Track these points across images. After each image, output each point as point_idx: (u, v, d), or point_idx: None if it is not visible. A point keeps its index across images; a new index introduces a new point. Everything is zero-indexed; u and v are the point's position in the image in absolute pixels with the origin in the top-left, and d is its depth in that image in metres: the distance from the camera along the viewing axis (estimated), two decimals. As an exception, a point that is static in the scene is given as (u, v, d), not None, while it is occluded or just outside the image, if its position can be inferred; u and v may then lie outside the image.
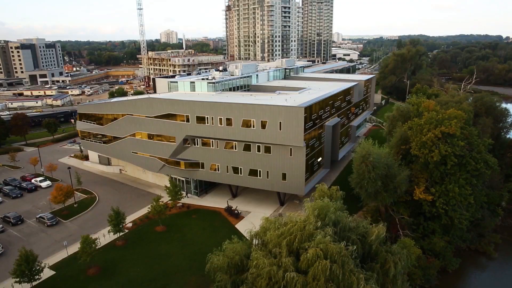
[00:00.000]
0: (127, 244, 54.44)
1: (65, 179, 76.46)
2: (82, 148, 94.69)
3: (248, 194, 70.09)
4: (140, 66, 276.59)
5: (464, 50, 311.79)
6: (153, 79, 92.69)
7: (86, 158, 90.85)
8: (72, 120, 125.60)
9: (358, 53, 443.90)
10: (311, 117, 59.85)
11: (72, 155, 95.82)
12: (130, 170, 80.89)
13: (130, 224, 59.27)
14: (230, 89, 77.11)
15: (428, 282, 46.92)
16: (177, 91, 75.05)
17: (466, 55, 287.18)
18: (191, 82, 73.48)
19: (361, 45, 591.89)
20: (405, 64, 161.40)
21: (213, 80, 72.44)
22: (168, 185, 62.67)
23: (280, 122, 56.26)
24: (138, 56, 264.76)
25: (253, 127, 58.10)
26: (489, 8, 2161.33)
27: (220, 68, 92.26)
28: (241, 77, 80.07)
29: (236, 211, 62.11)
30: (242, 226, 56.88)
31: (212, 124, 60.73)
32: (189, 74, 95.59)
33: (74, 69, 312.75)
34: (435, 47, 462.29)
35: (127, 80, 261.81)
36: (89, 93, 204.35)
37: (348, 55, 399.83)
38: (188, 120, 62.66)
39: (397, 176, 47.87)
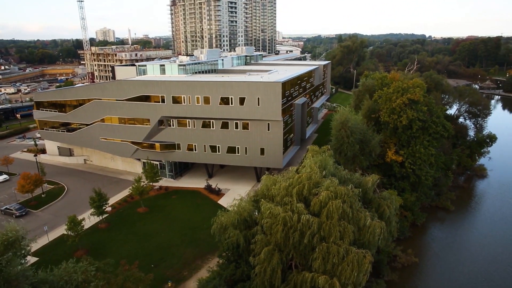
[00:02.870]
0: (111, 226, 53.10)
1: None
2: (36, 141, 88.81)
3: (224, 173, 71.27)
4: (81, 62, 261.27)
5: (397, 45, 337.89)
6: (113, 67, 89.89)
7: (42, 151, 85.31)
8: (18, 116, 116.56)
9: (300, 50, 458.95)
10: (285, 94, 62.64)
11: (25, 150, 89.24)
12: (97, 159, 77.67)
13: (109, 209, 57.55)
14: (198, 73, 77.41)
15: (403, 234, 52.15)
16: (146, 75, 73.71)
17: (399, 50, 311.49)
18: (161, 65, 72.69)
19: (302, 43, 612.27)
20: (351, 55, 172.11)
21: (184, 63, 72.37)
22: (141, 170, 61.69)
23: (259, 98, 58.30)
24: (79, 52, 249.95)
25: (232, 104, 59.49)
26: (412, 9, 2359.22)
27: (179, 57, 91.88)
28: (208, 62, 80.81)
29: (217, 189, 63.01)
30: (225, 202, 58.03)
31: (189, 103, 60.98)
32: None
33: (3, 67, 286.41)
34: (370, 43, 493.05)
35: (66, 78, 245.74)
36: (26, 91, 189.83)
37: (291, 51, 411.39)
38: (163, 101, 62.19)
39: (372, 141, 52.42)
